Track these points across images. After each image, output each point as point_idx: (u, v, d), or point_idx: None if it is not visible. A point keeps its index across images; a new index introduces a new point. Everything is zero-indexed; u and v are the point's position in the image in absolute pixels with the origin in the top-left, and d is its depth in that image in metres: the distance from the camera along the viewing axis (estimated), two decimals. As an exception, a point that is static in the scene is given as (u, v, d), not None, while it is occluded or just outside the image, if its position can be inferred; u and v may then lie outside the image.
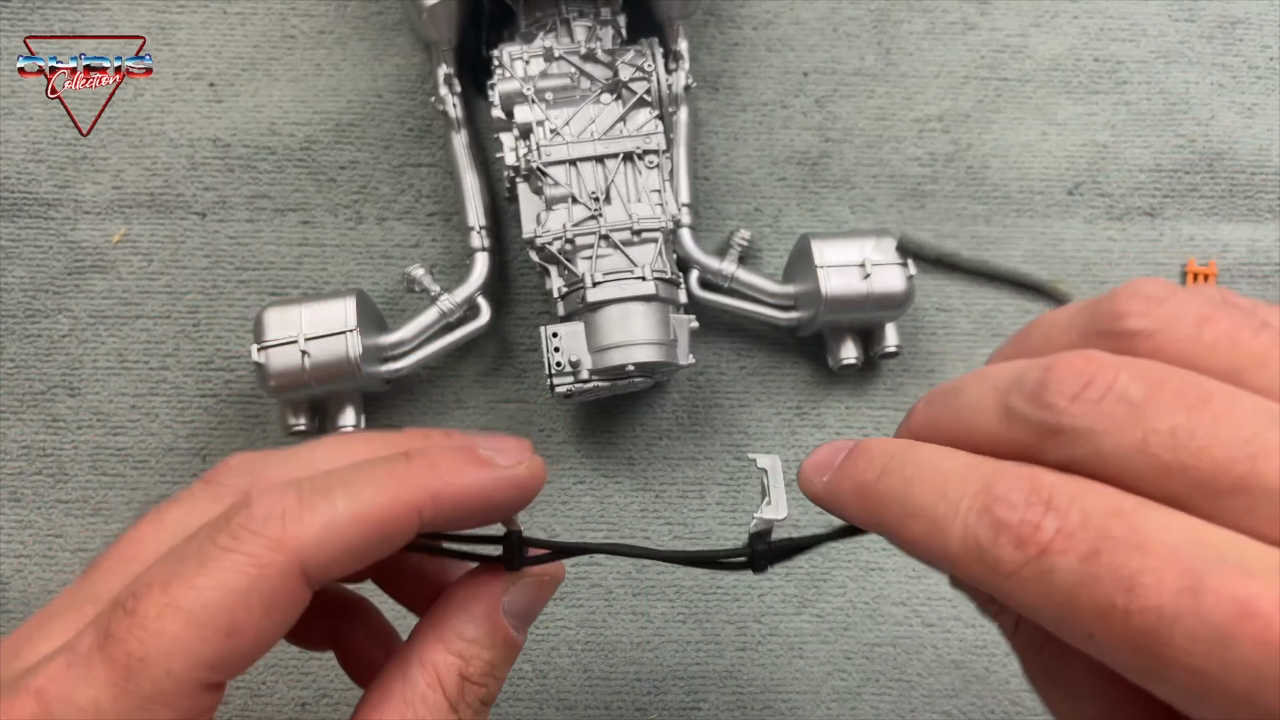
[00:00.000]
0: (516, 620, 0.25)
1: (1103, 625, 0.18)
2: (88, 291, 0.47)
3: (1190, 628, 0.17)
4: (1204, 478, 0.18)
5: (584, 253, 0.41)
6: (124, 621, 0.20)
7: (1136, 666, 0.18)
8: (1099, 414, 0.20)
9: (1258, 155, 0.51)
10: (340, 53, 0.51)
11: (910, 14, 0.52)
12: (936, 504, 0.20)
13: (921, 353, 0.48)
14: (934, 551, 0.20)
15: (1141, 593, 0.17)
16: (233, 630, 0.21)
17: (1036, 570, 0.18)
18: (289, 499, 0.22)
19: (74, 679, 0.20)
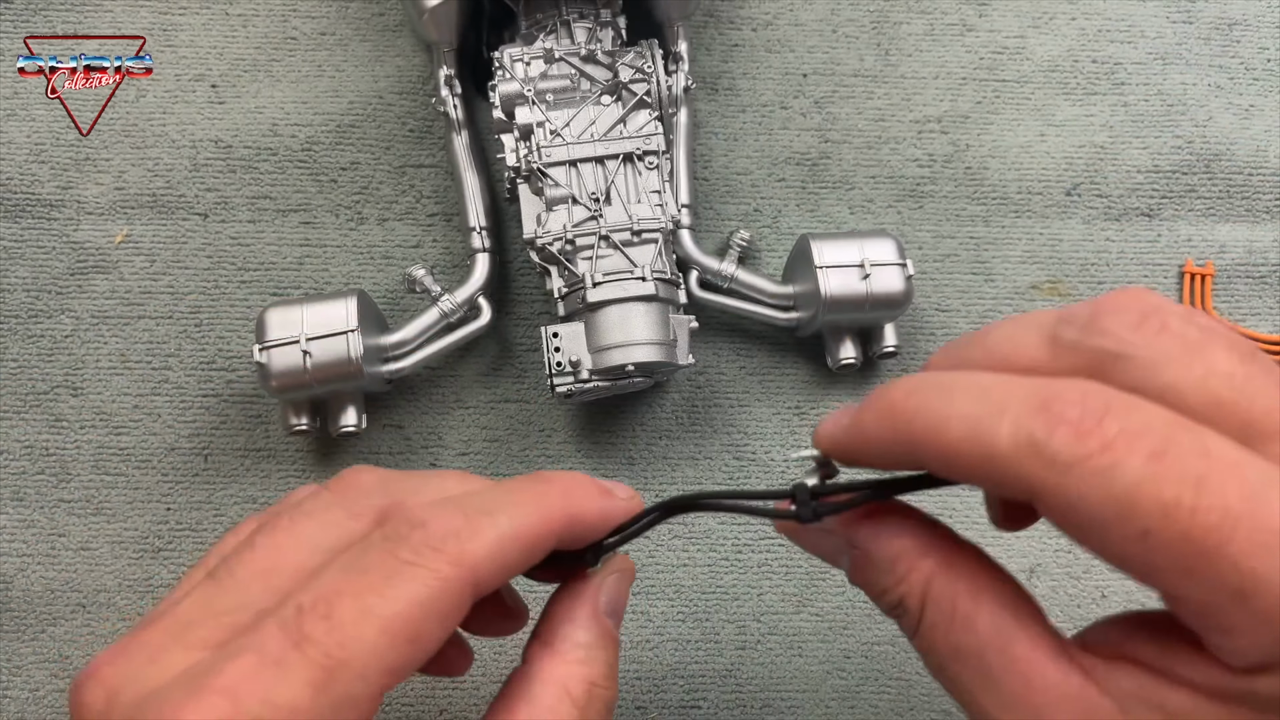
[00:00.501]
0: (613, 618, 0.26)
1: (1163, 522, 0.18)
2: (90, 292, 0.48)
3: (1251, 529, 0.18)
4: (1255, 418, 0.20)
5: (584, 253, 0.42)
6: (321, 625, 0.21)
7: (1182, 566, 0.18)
8: (1161, 345, 0.20)
9: (1255, 156, 0.51)
10: (341, 54, 0.51)
11: (909, 16, 0.53)
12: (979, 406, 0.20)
13: (920, 353, 0.48)
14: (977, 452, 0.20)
15: (1209, 492, 0.18)
16: (416, 638, 0.22)
17: (1099, 465, 0.19)
18: (459, 520, 0.23)
19: (272, 678, 0.21)
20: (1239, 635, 0.19)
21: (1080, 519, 0.19)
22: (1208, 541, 0.18)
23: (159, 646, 0.22)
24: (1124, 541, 0.19)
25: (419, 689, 0.43)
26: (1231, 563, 0.18)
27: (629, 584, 0.28)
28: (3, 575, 0.44)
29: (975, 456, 0.20)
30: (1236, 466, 0.19)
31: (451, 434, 0.46)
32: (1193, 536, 0.18)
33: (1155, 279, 0.49)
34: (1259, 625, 0.18)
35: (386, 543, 0.23)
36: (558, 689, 0.24)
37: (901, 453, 0.22)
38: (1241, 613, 0.19)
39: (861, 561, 0.24)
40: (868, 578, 0.25)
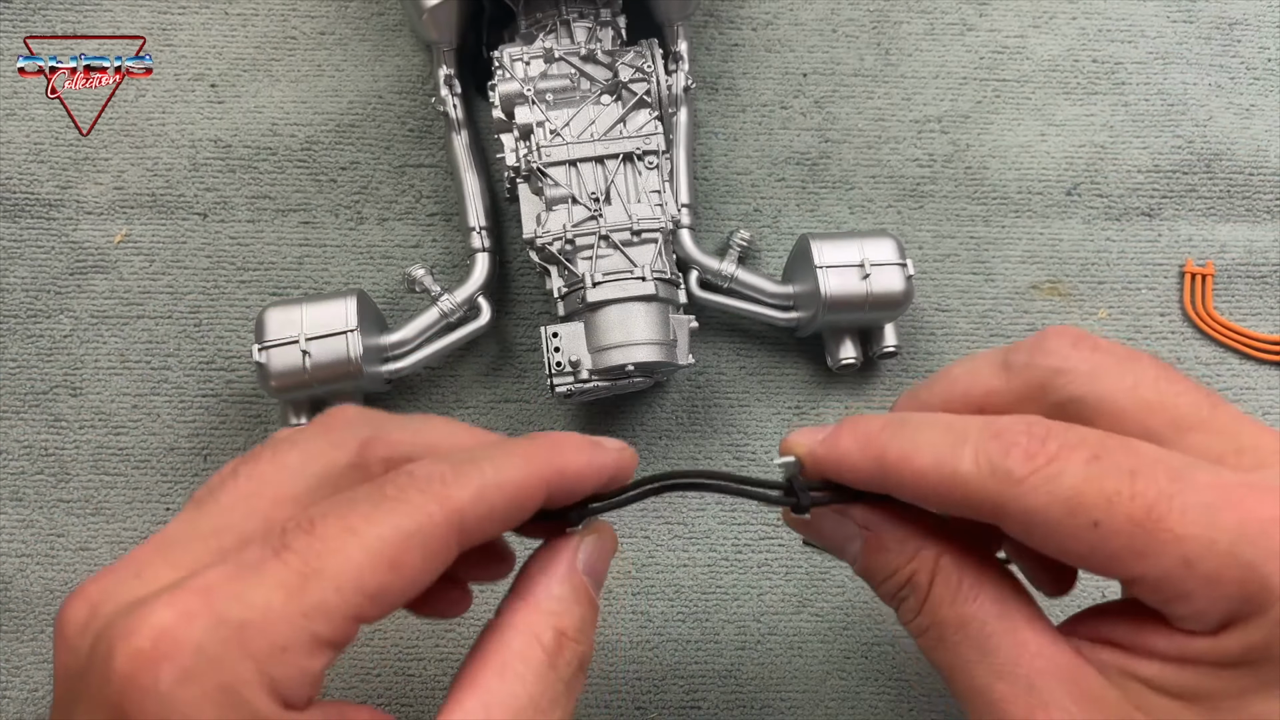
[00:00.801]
0: (591, 579, 0.27)
1: (1109, 511, 0.21)
2: (89, 292, 0.47)
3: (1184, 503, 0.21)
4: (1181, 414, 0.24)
5: (584, 253, 0.42)
6: (302, 538, 0.22)
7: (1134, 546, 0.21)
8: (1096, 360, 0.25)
9: (1255, 156, 0.51)
10: (341, 54, 0.51)
11: (909, 15, 0.53)
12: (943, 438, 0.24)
13: (920, 352, 0.48)
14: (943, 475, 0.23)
15: (1142, 478, 0.22)
16: (396, 566, 0.22)
17: (1047, 474, 0.22)
18: (445, 466, 0.24)
19: (245, 581, 0.21)
20: (1194, 599, 0.21)
21: (1039, 524, 0.22)
22: (1150, 520, 0.21)
23: (143, 564, 0.23)
24: (1079, 535, 0.22)
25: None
26: (1173, 534, 0.21)
27: (610, 550, 0.28)
28: (2, 575, 0.44)
29: (942, 479, 0.23)
30: (1162, 457, 0.22)
31: (451, 434, 0.46)
32: (1135, 518, 0.21)
33: (1155, 279, 0.49)
34: (1208, 586, 0.21)
35: (376, 484, 0.24)
36: (528, 636, 0.25)
37: (873, 476, 0.25)
38: (1191, 578, 0.21)
39: (874, 544, 0.26)
40: (879, 560, 0.26)
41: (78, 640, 0.22)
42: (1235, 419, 0.24)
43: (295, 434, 0.26)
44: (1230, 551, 0.21)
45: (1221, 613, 0.21)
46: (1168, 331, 0.49)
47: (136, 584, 0.23)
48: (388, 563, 0.22)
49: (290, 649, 0.21)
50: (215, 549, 0.23)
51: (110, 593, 0.23)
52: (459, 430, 0.28)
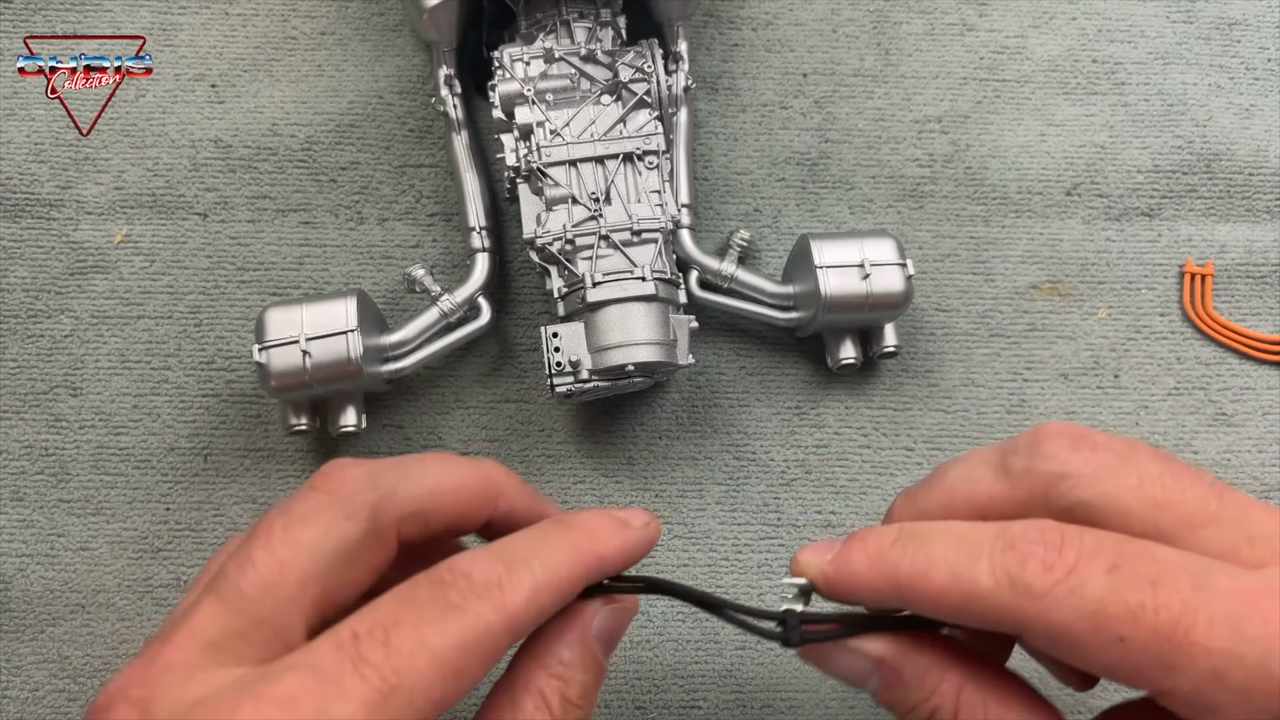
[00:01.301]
0: (603, 646, 0.28)
1: (1133, 625, 0.21)
2: (90, 292, 0.48)
3: (1210, 614, 0.21)
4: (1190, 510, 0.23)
5: (584, 253, 0.42)
6: (379, 650, 0.22)
7: (1162, 661, 0.21)
8: (1097, 460, 0.24)
9: (1255, 156, 0.51)
10: (341, 54, 0.51)
11: (909, 15, 0.53)
12: (957, 552, 0.23)
13: (920, 352, 0.48)
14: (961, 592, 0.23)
15: (1164, 590, 0.21)
16: (460, 675, 0.23)
17: (1068, 587, 0.22)
18: (500, 569, 0.25)
19: (328, 694, 0.22)
20: (1225, 711, 0.21)
21: (1064, 639, 0.22)
22: (1176, 633, 0.21)
23: (190, 664, 0.23)
24: (1105, 650, 0.21)
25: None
26: (1202, 648, 0.21)
27: (628, 620, 0.29)
28: (2, 575, 0.44)
29: (960, 596, 0.23)
30: (1182, 564, 0.22)
31: (451, 434, 0.46)
32: (1162, 632, 0.21)
33: (1155, 279, 0.49)
34: (1240, 699, 0.21)
35: (435, 586, 0.24)
36: (537, 698, 0.26)
37: (888, 596, 0.25)
38: (1222, 690, 0.21)
39: (891, 679, 0.26)
40: (898, 695, 0.26)
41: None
42: (1242, 507, 0.24)
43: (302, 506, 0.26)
44: (1261, 664, 0.21)
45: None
46: (1167, 331, 0.49)
47: (193, 686, 0.22)
48: (454, 673, 0.23)
49: None
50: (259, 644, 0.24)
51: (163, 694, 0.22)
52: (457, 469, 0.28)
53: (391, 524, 0.26)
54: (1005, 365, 0.48)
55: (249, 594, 0.24)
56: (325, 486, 0.27)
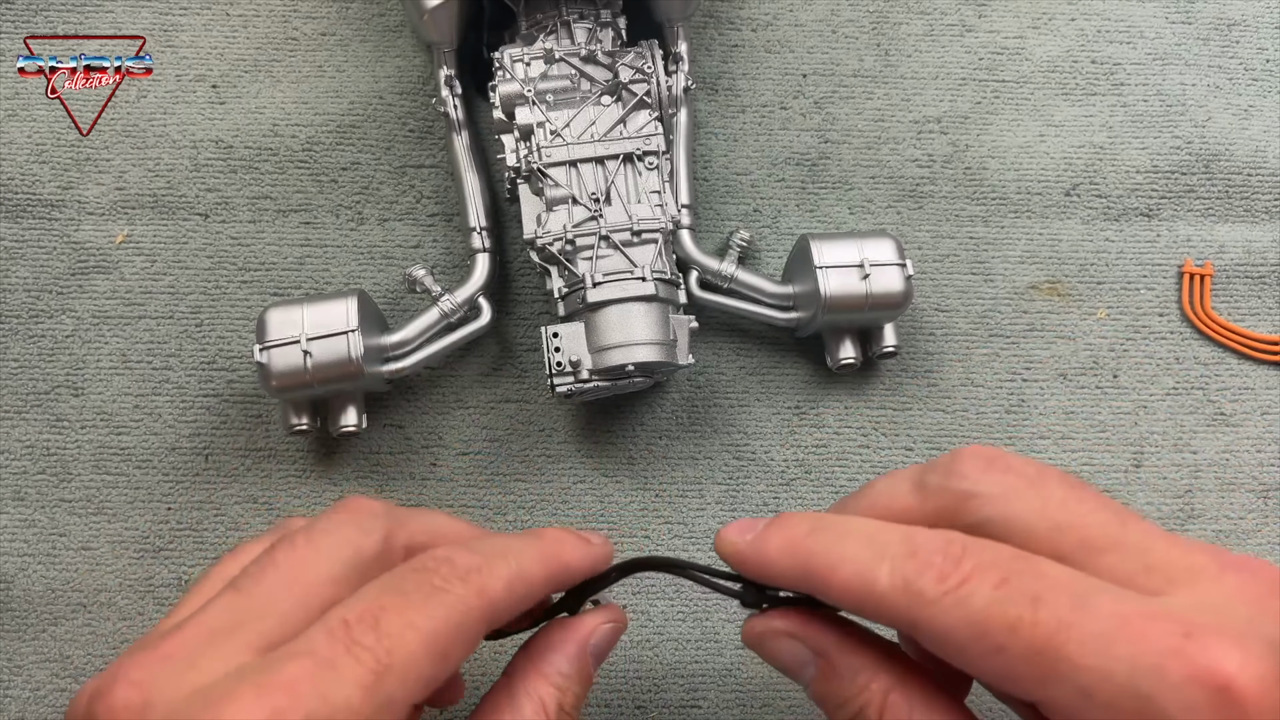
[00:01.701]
0: (595, 660, 0.30)
1: (1011, 637, 0.22)
2: (91, 292, 0.48)
3: (1083, 633, 0.22)
4: (1091, 535, 0.24)
5: (584, 253, 0.42)
6: (370, 633, 0.24)
7: (1036, 674, 0.22)
8: (1007, 482, 0.26)
9: (1254, 156, 0.51)
10: (342, 54, 0.51)
11: (909, 16, 0.53)
12: (864, 551, 0.25)
13: (920, 352, 0.48)
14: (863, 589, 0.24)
15: (1045, 606, 0.22)
16: (445, 655, 0.24)
17: (956, 597, 0.23)
18: (479, 558, 0.26)
19: (327, 678, 0.23)
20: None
21: (949, 643, 0.23)
22: (1049, 649, 0.22)
23: (193, 652, 0.24)
24: (985, 658, 0.22)
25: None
26: (1071, 664, 0.21)
27: (620, 633, 0.31)
28: (3, 575, 0.45)
29: (860, 593, 0.24)
30: (1067, 583, 0.23)
31: (451, 434, 0.47)
32: (1036, 647, 0.22)
33: (1154, 279, 0.49)
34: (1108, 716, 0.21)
35: (418, 573, 0.26)
36: (537, 704, 0.27)
37: (798, 582, 0.26)
38: (1091, 708, 0.21)
39: (827, 671, 0.27)
40: (831, 687, 0.27)
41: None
42: (1145, 535, 0.24)
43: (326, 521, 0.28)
44: (1126, 685, 0.21)
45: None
46: (1166, 332, 0.49)
47: (194, 674, 0.23)
48: (440, 654, 0.24)
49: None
50: (260, 634, 0.24)
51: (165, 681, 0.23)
52: (460, 524, 0.31)
53: (400, 549, 0.28)
54: (1004, 365, 0.48)
55: (268, 588, 0.25)
56: (347, 508, 0.28)
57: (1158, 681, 0.21)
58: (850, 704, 0.26)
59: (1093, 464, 0.47)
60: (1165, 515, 0.46)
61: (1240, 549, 0.46)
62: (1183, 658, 0.21)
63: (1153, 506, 0.47)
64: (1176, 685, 0.21)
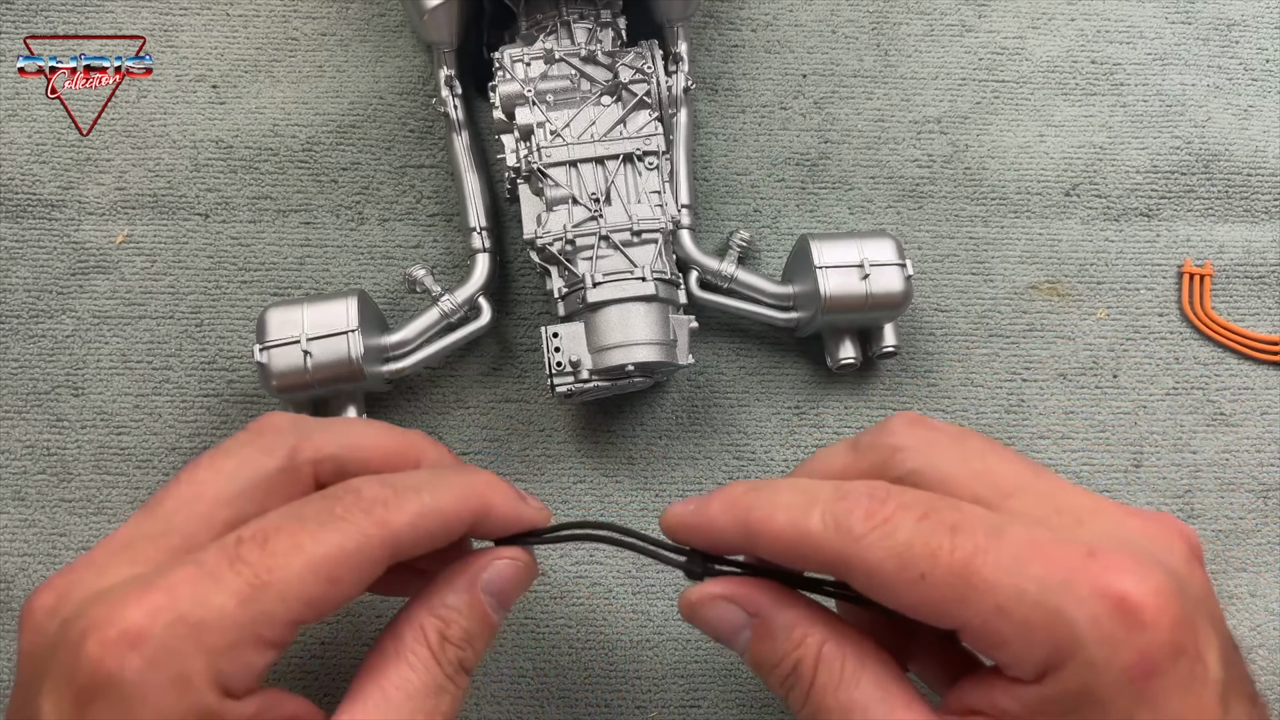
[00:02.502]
0: (493, 599, 0.30)
1: (932, 563, 0.24)
2: (91, 292, 0.48)
3: (997, 555, 0.24)
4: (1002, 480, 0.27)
5: (584, 253, 0.42)
6: (255, 551, 0.25)
7: (955, 596, 0.24)
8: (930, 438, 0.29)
9: (1254, 157, 0.51)
10: (342, 55, 0.51)
11: (908, 16, 0.53)
12: (798, 500, 0.27)
13: (920, 352, 0.48)
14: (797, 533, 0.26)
15: (962, 535, 0.24)
16: (334, 580, 0.26)
17: (882, 532, 0.25)
18: (389, 491, 0.28)
19: (206, 586, 0.25)
20: (1011, 646, 0.24)
21: (876, 576, 0.25)
22: (966, 571, 0.24)
23: (103, 563, 0.27)
24: (909, 586, 0.24)
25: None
26: (987, 584, 0.24)
27: (523, 578, 0.31)
28: (3, 575, 0.45)
29: (795, 537, 0.26)
30: (983, 516, 0.25)
31: (451, 434, 0.47)
32: (955, 569, 0.24)
33: (1154, 279, 0.50)
34: (1022, 633, 0.23)
35: (324, 500, 0.27)
36: (416, 631, 0.29)
37: (738, 535, 0.28)
38: (1006, 625, 0.23)
39: (762, 630, 0.28)
40: (766, 646, 0.28)
41: (45, 623, 0.26)
42: (1056, 484, 0.27)
43: (230, 442, 0.30)
44: (1038, 600, 0.23)
45: (1038, 659, 0.23)
46: (1166, 332, 0.49)
47: (100, 579, 0.26)
48: (327, 578, 0.26)
49: (237, 646, 0.25)
50: (166, 548, 0.27)
51: (76, 585, 0.26)
52: (381, 430, 0.31)
53: (307, 464, 0.29)
54: (1004, 365, 0.48)
55: (168, 505, 0.28)
56: (253, 429, 0.30)
57: (1066, 595, 0.23)
58: (785, 660, 0.27)
59: (1092, 464, 0.47)
60: (1165, 515, 0.46)
61: (1240, 549, 0.46)
62: (1088, 575, 0.23)
63: (1153, 506, 0.47)
64: (1083, 599, 0.23)
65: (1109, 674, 0.23)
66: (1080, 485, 0.27)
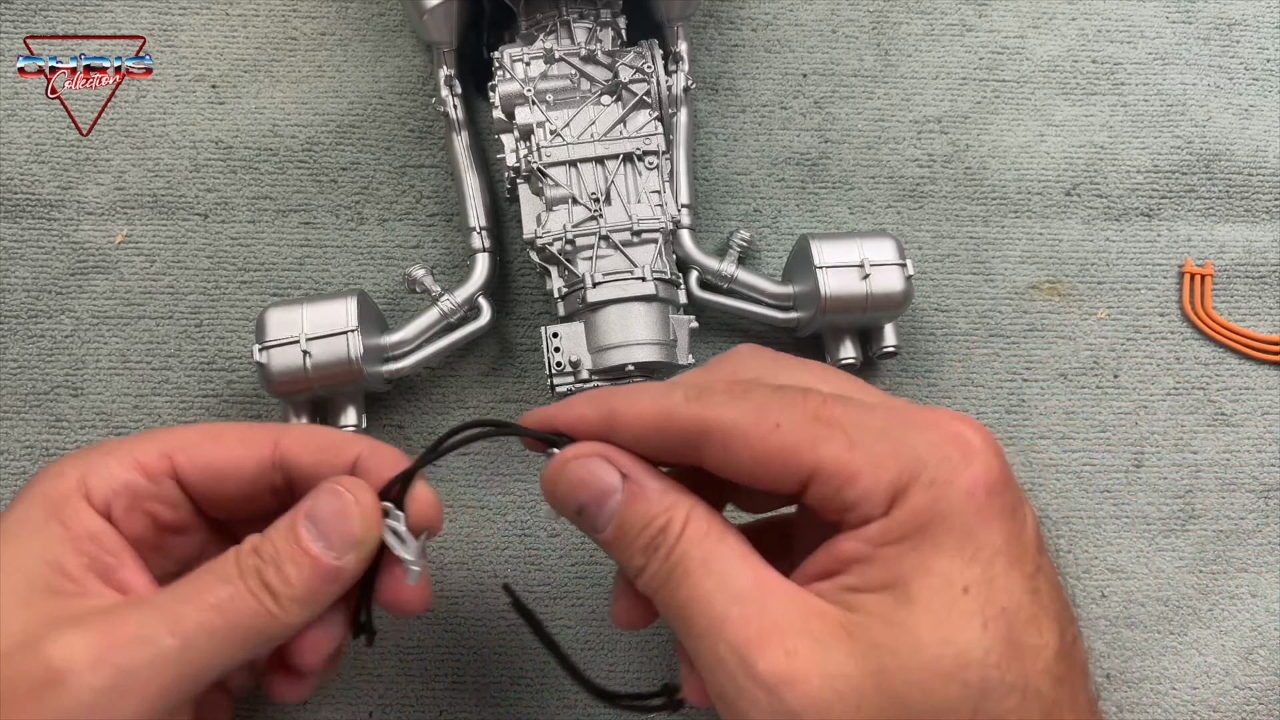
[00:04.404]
0: (314, 529, 0.30)
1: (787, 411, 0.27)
2: (90, 292, 0.48)
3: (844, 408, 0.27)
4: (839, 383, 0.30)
5: (584, 253, 0.42)
6: None
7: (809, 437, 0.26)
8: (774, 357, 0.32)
9: (1254, 156, 0.51)
10: (342, 54, 0.51)
11: (909, 16, 0.53)
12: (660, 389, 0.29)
13: (920, 352, 0.48)
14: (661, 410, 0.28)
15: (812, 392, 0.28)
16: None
17: (740, 393, 0.28)
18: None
19: None
20: (862, 478, 0.25)
21: (735, 434, 0.27)
22: (820, 415, 0.26)
23: None
24: (765, 437, 0.26)
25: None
26: (838, 422, 0.26)
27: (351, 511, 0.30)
28: (3, 575, 0.44)
29: (658, 414, 0.28)
30: (828, 389, 0.28)
31: (452, 434, 0.46)
32: (809, 414, 0.26)
33: (1155, 279, 0.49)
34: (871, 464, 0.25)
35: None
36: (231, 546, 0.30)
37: (600, 422, 0.29)
38: (856, 458, 0.26)
39: (636, 491, 0.28)
40: (639, 508, 0.28)
41: None
42: (885, 396, 0.30)
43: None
44: (884, 432, 0.26)
45: (886, 487, 0.25)
46: (1167, 331, 0.49)
47: None
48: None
49: None
50: None
51: None
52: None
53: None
54: (1005, 365, 0.48)
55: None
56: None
57: (910, 430, 0.26)
58: (655, 521, 0.28)
59: (1093, 464, 0.47)
60: (1165, 515, 0.46)
61: (1241, 549, 0.46)
62: (927, 421, 0.27)
63: (1153, 506, 0.46)
64: (923, 432, 0.26)
65: (951, 491, 0.25)
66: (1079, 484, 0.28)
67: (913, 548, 0.25)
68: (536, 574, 0.45)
